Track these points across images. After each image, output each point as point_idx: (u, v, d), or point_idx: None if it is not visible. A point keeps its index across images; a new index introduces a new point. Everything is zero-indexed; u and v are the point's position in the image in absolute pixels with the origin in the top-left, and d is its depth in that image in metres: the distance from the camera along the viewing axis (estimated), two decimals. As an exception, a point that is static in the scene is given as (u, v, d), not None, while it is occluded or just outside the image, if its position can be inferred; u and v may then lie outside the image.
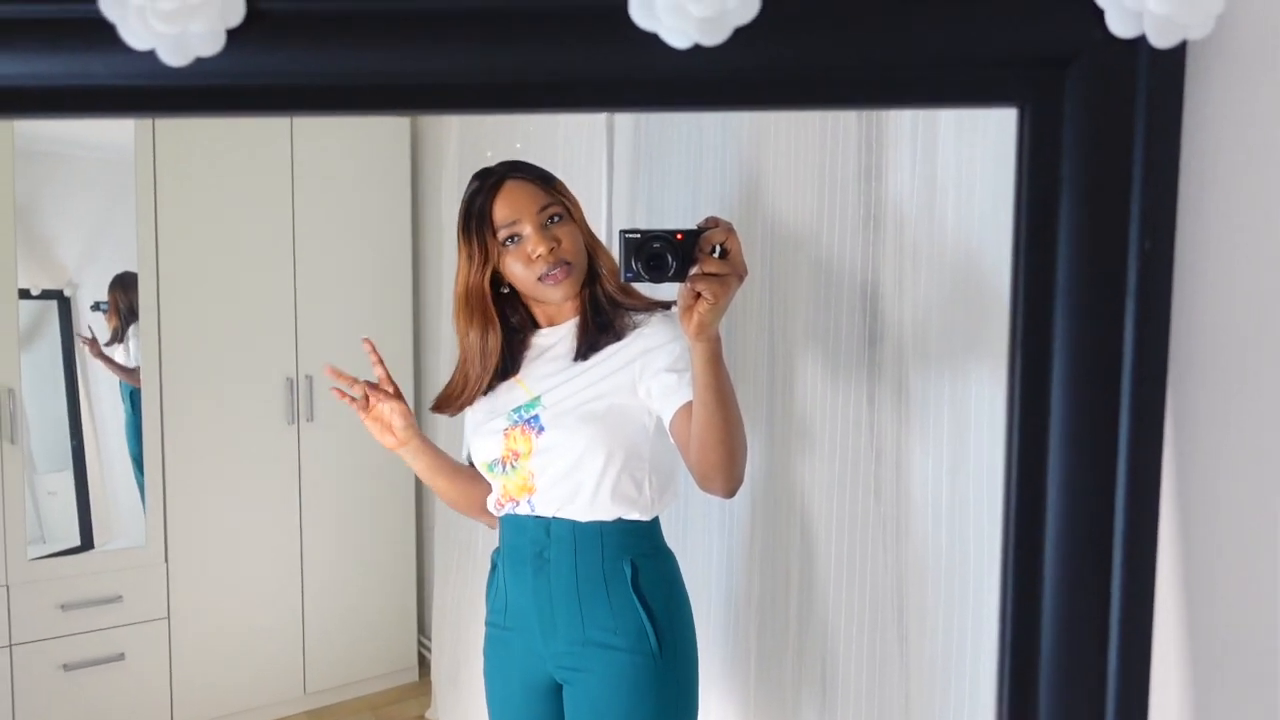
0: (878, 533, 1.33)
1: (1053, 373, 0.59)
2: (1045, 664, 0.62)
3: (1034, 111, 0.57)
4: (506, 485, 1.25)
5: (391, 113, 0.51)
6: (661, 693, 1.20)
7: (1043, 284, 0.58)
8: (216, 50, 0.52)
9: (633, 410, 1.19)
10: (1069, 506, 0.58)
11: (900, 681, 1.29)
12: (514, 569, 1.26)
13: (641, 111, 1.60)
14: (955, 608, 1.23)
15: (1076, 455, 0.57)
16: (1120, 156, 0.56)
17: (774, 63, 0.55)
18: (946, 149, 1.19)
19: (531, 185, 1.21)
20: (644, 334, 1.21)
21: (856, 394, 1.36)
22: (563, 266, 1.19)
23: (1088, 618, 0.60)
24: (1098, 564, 0.58)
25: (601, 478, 1.18)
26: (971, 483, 1.19)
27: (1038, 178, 0.58)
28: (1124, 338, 0.56)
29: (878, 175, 1.32)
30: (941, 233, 1.22)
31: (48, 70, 0.53)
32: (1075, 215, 0.57)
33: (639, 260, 0.93)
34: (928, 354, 1.25)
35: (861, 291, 1.35)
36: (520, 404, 1.24)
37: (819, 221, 1.39)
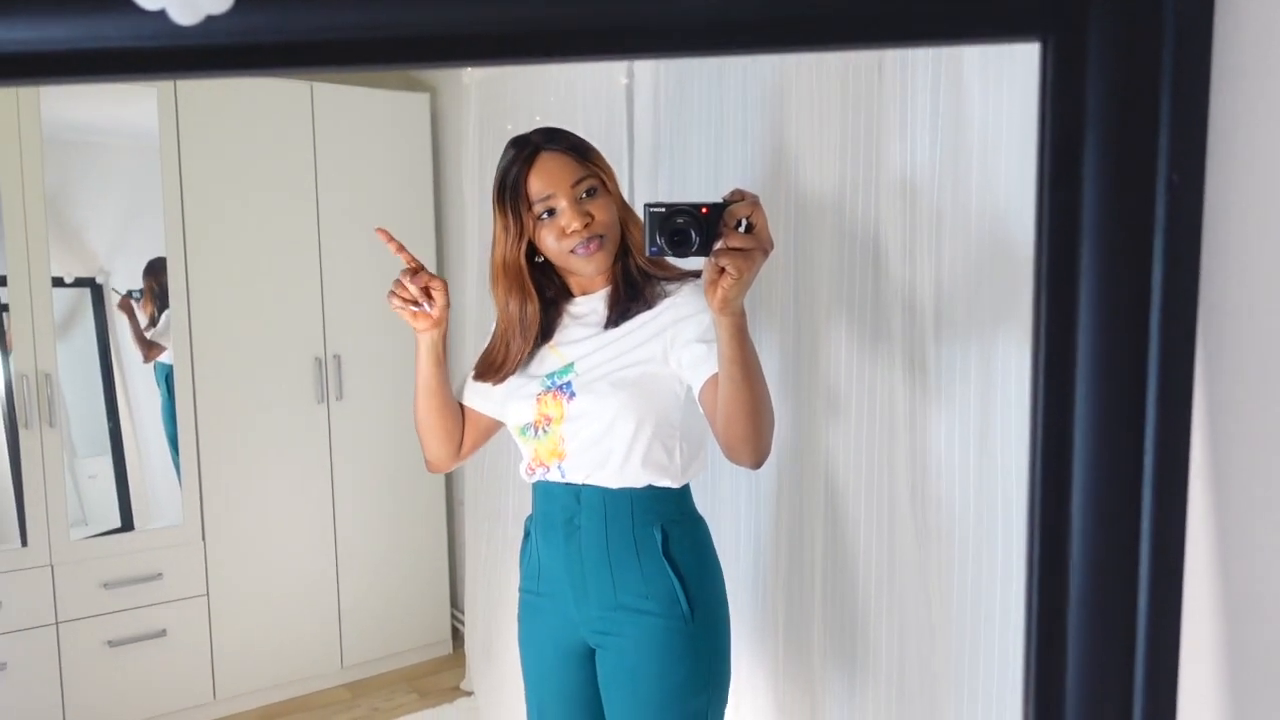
0: (904, 501, 1.32)
1: (1079, 313, 0.57)
2: (1072, 629, 0.61)
3: (1057, 44, 0.55)
4: (538, 450, 1.26)
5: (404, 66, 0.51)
6: (694, 656, 1.21)
7: (1068, 222, 0.56)
8: (227, 8, 0.52)
9: (664, 378, 1.20)
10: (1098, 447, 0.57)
11: (927, 650, 1.29)
12: (546, 535, 1.28)
13: (661, 57, 1.57)
14: (984, 576, 1.22)
15: (1104, 394, 0.56)
16: (1147, 89, 0.55)
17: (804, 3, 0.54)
18: (971, 112, 1.17)
19: (566, 157, 1.20)
20: (675, 303, 1.21)
21: (882, 363, 1.35)
22: (595, 240, 1.19)
23: (1117, 569, 0.59)
24: (1127, 505, 0.57)
25: (632, 444, 1.19)
26: (999, 450, 1.18)
27: (1061, 113, 0.56)
28: (1153, 275, 0.55)
29: (901, 141, 1.29)
30: (966, 198, 1.19)
31: (59, 34, 0.53)
32: (1100, 150, 0.55)
33: (663, 235, 0.92)
34: (955, 322, 1.23)
35: (887, 259, 1.33)
36: (554, 370, 1.25)
37: (842, 189, 1.37)
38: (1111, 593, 0.60)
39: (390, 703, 2.72)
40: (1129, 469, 0.57)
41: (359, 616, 2.85)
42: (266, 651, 2.71)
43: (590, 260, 1.20)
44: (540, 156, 1.19)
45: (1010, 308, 1.16)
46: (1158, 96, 0.55)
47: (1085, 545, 0.60)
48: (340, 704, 2.72)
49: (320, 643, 2.80)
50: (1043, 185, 0.58)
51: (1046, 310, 0.58)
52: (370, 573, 2.87)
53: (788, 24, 0.54)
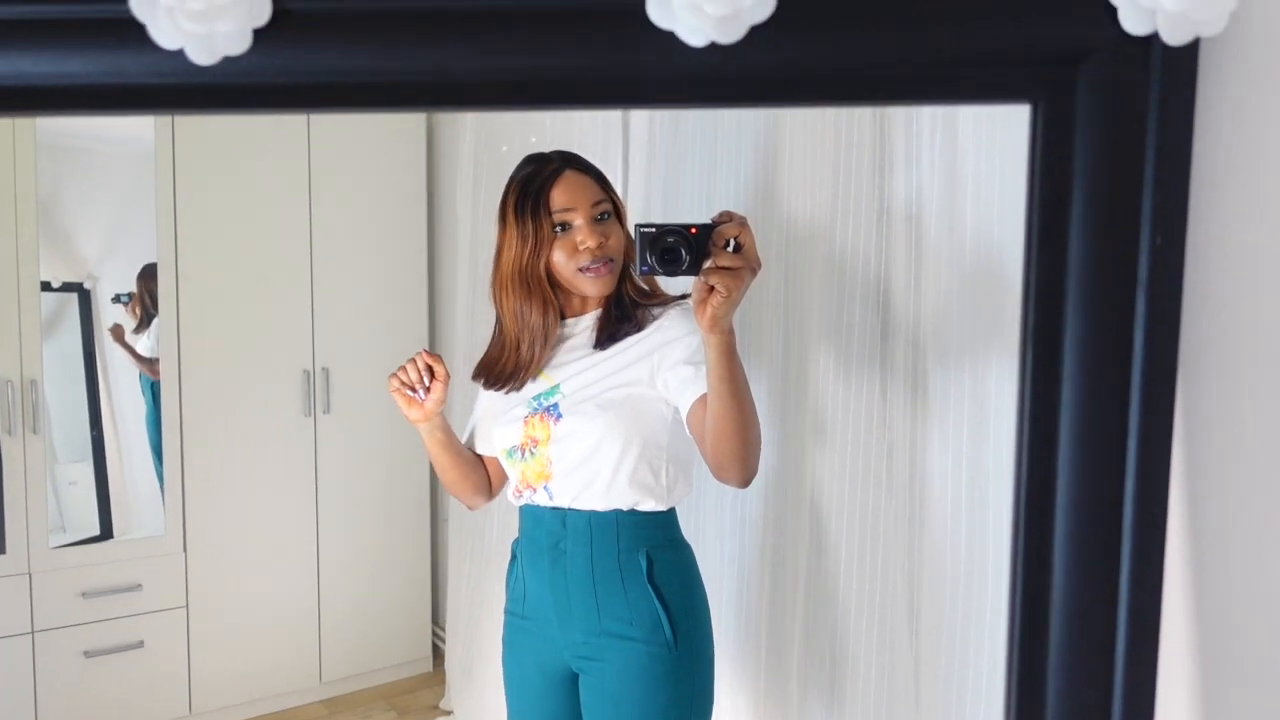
0: (890, 528, 1.33)
1: (1064, 367, 0.59)
2: (1053, 660, 0.63)
3: (1046, 108, 0.58)
4: (525, 472, 1.27)
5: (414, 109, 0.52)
6: (677, 683, 1.21)
7: (1054, 279, 0.59)
8: (243, 49, 0.53)
9: (650, 400, 1.21)
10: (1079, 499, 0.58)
11: (911, 678, 1.30)
12: (531, 559, 1.28)
13: (658, 108, 1.60)
14: (973, 604, 1.23)
15: (1087, 448, 0.58)
16: (1132, 153, 0.57)
17: (789, 60, 0.56)
18: (965, 143, 1.19)
19: (588, 178, 1.23)
20: (662, 326, 1.22)
21: (870, 389, 1.37)
22: (607, 263, 1.21)
23: (1096, 611, 0.61)
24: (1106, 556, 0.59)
25: (619, 464, 1.19)
26: (991, 480, 1.20)
27: (1050, 173, 0.59)
28: (1135, 333, 0.57)
29: (893, 169, 1.32)
30: (960, 227, 1.22)
31: (80, 69, 0.54)
32: (1087, 211, 0.57)
33: (653, 253, 0.94)
34: (945, 350, 1.25)
35: (876, 286, 1.35)
36: (540, 391, 1.26)
37: (834, 216, 1.39)
38: (1092, 620, 0.61)
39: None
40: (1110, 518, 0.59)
41: (339, 632, 2.83)
42: (244, 666, 2.68)
43: (597, 281, 1.21)
44: (565, 173, 1.22)
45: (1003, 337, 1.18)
46: (1142, 161, 0.57)
47: (1067, 581, 0.62)
48: (317, 720, 2.70)
49: (299, 658, 2.77)
50: (1031, 241, 0.60)
51: (1032, 363, 0.60)
52: (352, 588, 2.85)
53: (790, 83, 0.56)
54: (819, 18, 0.54)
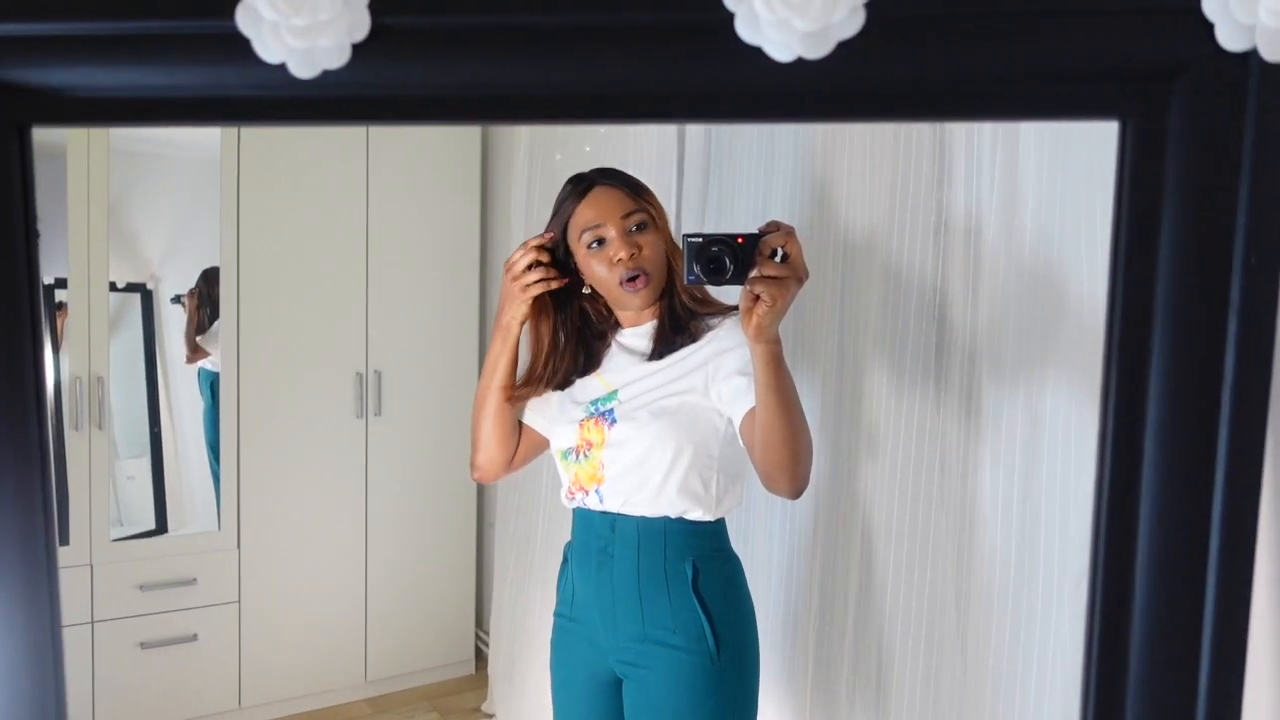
0: (941, 545, 1.32)
1: (1149, 390, 0.58)
2: (1133, 685, 0.61)
3: (1137, 125, 0.57)
4: (579, 474, 1.28)
5: (503, 122, 0.53)
6: (719, 694, 1.21)
7: (1142, 299, 0.58)
8: (343, 63, 0.55)
9: (704, 410, 1.22)
10: (1163, 527, 0.57)
11: (957, 697, 1.28)
12: (581, 563, 1.29)
13: (744, 123, 1.61)
14: (1021, 623, 1.21)
15: (1173, 474, 0.57)
16: (1226, 171, 0.56)
17: (876, 76, 0.56)
18: (1027, 157, 1.18)
19: (619, 191, 1.25)
20: (717, 336, 1.23)
21: (924, 404, 1.35)
22: (641, 277, 1.22)
23: (1179, 639, 0.60)
24: (1191, 584, 0.58)
25: (670, 471, 1.20)
26: (1043, 499, 1.18)
27: (1139, 192, 0.58)
28: (1225, 356, 0.56)
29: (952, 182, 1.31)
30: (1019, 242, 1.20)
31: (187, 81, 0.56)
32: (1178, 230, 0.56)
33: (699, 263, 0.96)
34: (1000, 366, 1.24)
35: (933, 300, 1.34)
36: (598, 396, 1.28)
37: (891, 228, 1.39)
38: (1174, 657, 0.60)
39: None
40: (1196, 546, 0.58)
41: (385, 632, 2.87)
42: (292, 662, 2.73)
43: (636, 295, 1.23)
44: (594, 190, 1.25)
45: (1059, 355, 1.16)
46: (1237, 179, 0.56)
47: (1148, 617, 0.60)
48: (361, 719, 2.74)
49: (345, 656, 2.82)
50: (1117, 259, 0.59)
51: (1116, 383, 0.59)
52: (398, 589, 2.89)
53: (877, 98, 0.56)
54: (908, 33, 0.54)
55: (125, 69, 0.56)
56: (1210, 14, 0.54)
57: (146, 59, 0.56)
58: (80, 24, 0.55)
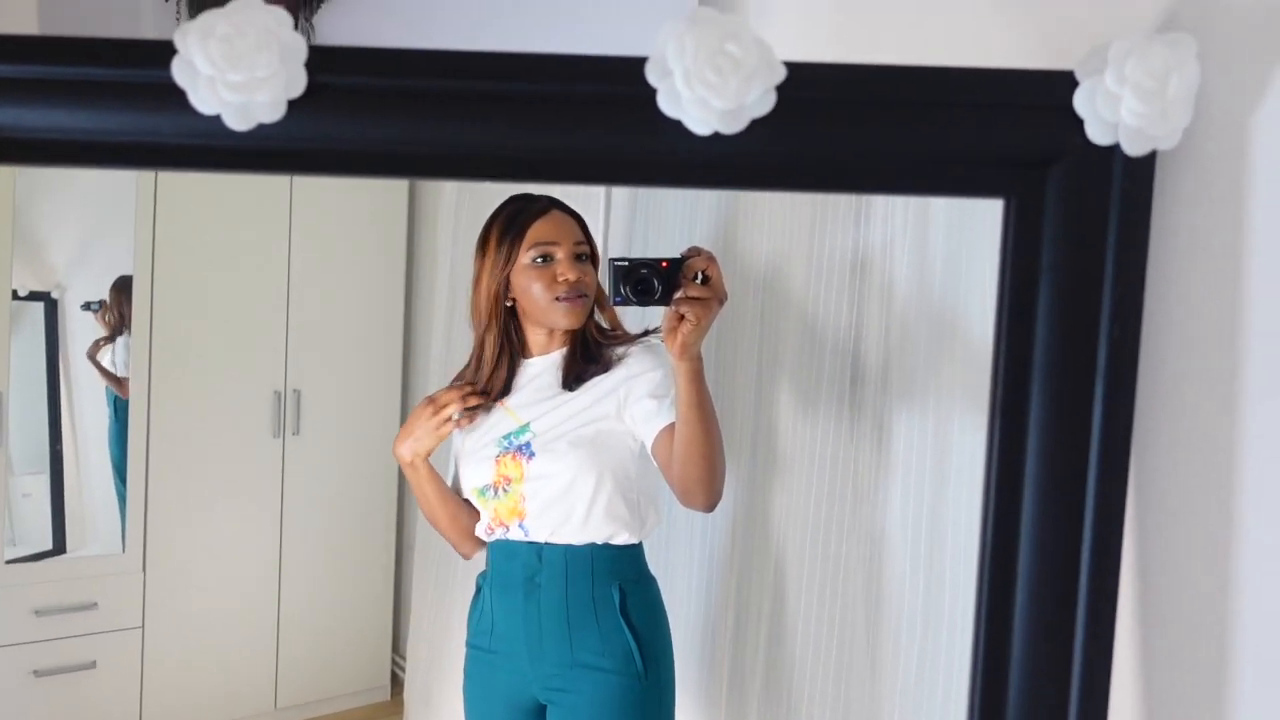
0: (851, 570, 1.37)
1: (1028, 440, 0.64)
2: (1012, 702, 0.67)
3: (1018, 204, 0.63)
4: (498, 510, 1.29)
5: (433, 178, 0.55)
6: (643, 712, 1.25)
7: (1022, 358, 0.64)
8: (278, 118, 0.57)
9: (618, 434, 1.25)
10: (1039, 561, 0.63)
11: (867, 718, 1.33)
12: (502, 593, 1.30)
13: (664, 187, 1.66)
14: (928, 649, 1.27)
15: (1048, 517, 0.63)
16: (1095, 250, 0.62)
17: (785, 151, 0.60)
18: (937, 202, 1.24)
19: (573, 221, 1.30)
20: (627, 363, 1.27)
21: (837, 431, 1.41)
22: (581, 296, 1.26)
23: (1053, 663, 0.66)
24: (1063, 611, 0.64)
25: (594, 499, 1.23)
26: (949, 530, 1.24)
27: (1020, 264, 0.64)
28: (1093, 412, 0.62)
29: (869, 221, 1.37)
30: (929, 282, 1.27)
31: (119, 126, 0.57)
32: (1053, 300, 0.63)
33: (627, 285, 1.00)
34: (910, 397, 1.30)
35: (848, 333, 1.39)
36: (509, 431, 1.29)
37: (809, 262, 1.44)
38: (1049, 671, 0.66)
39: (323, 747, 2.67)
40: (1067, 577, 0.64)
41: (297, 657, 2.80)
42: (199, 688, 2.64)
43: (570, 312, 1.25)
44: (553, 211, 1.29)
45: (963, 389, 1.22)
46: (1103, 258, 0.63)
47: (1026, 637, 0.66)
48: (271, 746, 2.66)
49: (255, 682, 2.74)
50: (1001, 321, 0.65)
51: (1000, 431, 0.65)
52: (313, 613, 2.82)
53: (785, 171, 0.60)
54: (815, 115, 0.59)
55: (57, 112, 0.56)
56: (1080, 111, 0.60)
57: (79, 103, 0.56)
58: (14, 67, 0.55)
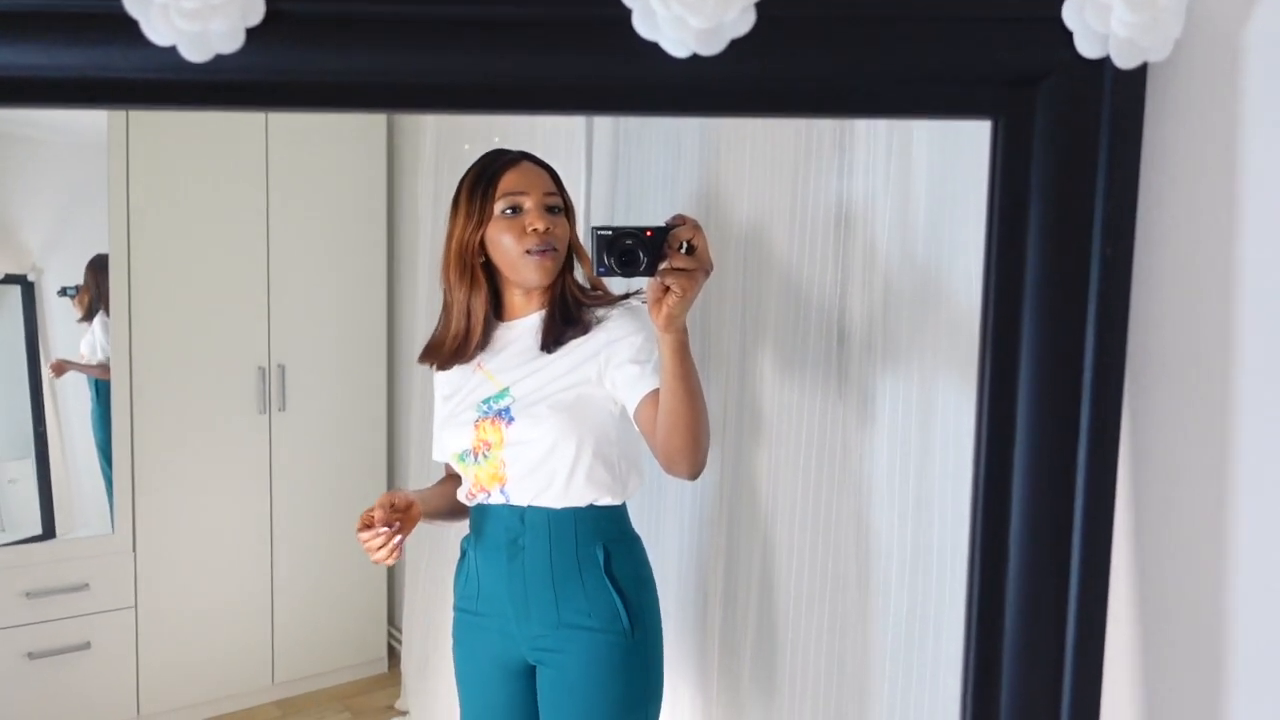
0: (841, 527, 1.37)
1: (1020, 365, 0.63)
2: (1008, 651, 0.66)
3: (1007, 124, 0.61)
4: (479, 475, 1.28)
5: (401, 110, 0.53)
6: (632, 670, 1.25)
7: (1012, 284, 0.62)
8: (236, 48, 0.54)
9: (599, 399, 1.24)
10: (1035, 481, 0.62)
11: (859, 673, 1.33)
12: (487, 556, 1.29)
13: (640, 115, 1.63)
14: (917, 600, 1.27)
15: (1042, 436, 0.62)
16: (1085, 167, 0.61)
17: (766, 73, 0.58)
18: (920, 152, 1.23)
19: (544, 172, 1.28)
20: (607, 327, 1.25)
21: (824, 390, 1.40)
22: (551, 250, 1.23)
23: (1047, 603, 0.65)
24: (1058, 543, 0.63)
25: (575, 464, 1.22)
26: (936, 479, 1.24)
27: (1009, 185, 0.62)
28: (1086, 335, 0.61)
29: (850, 174, 1.35)
30: (913, 235, 1.26)
31: (70, 61, 0.54)
32: (1043, 221, 0.61)
33: (611, 256, 0.97)
34: (896, 354, 1.29)
35: (832, 290, 1.38)
36: (489, 395, 1.28)
37: (792, 220, 1.43)
38: (1043, 611, 0.65)
39: (322, 721, 2.67)
40: (1063, 495, 0.63)
41: (292, 633, 2.80)
42: (195, 667, 2.64)
43: (539, 267, 1.24)
44: (522, 162, 1.27)
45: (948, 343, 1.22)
46: (1095, 175, 0.61)
47: (1020, 576, 0.65)
48: (270, 721, 2.67)
49: (251, 659, 2.73)
50: (991, 247, 0.64)
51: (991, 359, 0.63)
52: (306, 588, 2.82)
53: (766, 94, 0.58)
54: (797, 34, 0.57)
55: (6, 49, 0.53)
56: (1069, 23, 0.58)
57: (26, 37, 0.54)
58: (-49, 0, 0.52)
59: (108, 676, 2.49)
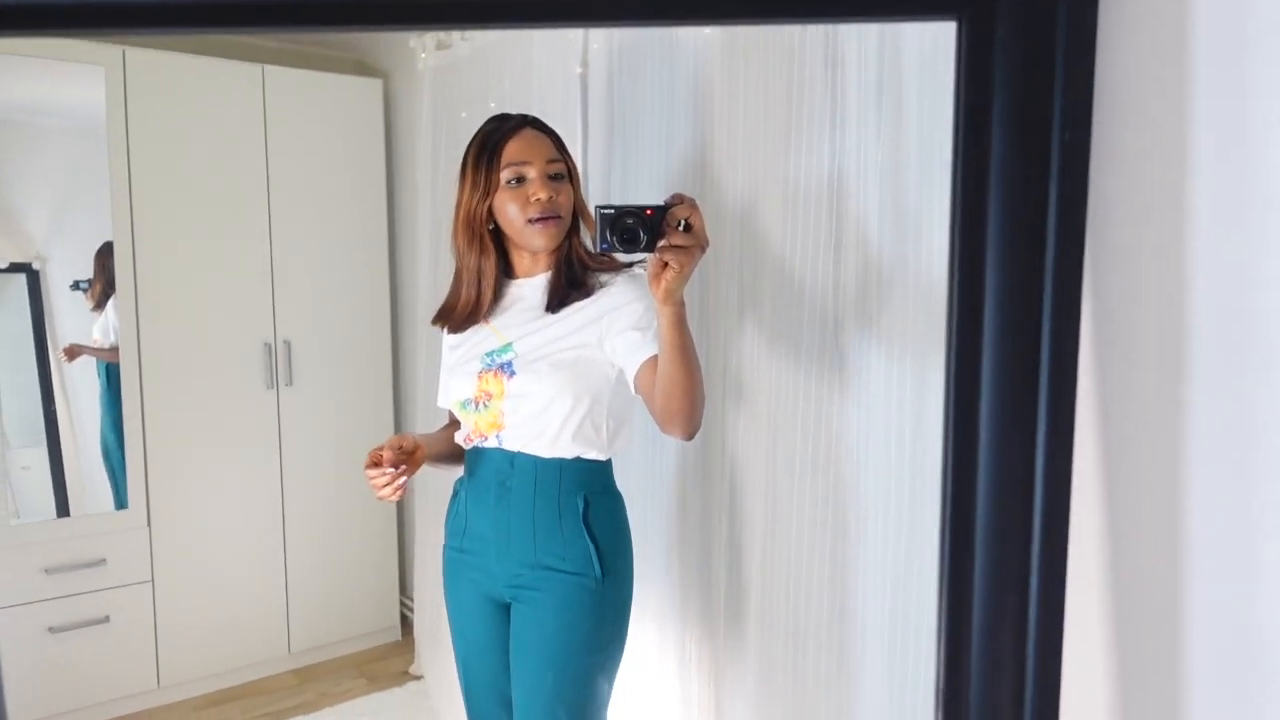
0: (820, 489, 1.38)
1: (987, 247, 0.67)
2: (978, 591, 0.70)
3: (970, 21, 0.65)
4: (479, 422, 1.34)
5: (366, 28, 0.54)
6: (599, 615, 1.30)
7: (979, 173, 0.66)
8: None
9: (597, 362, 1.29)
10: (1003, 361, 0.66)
11: (834, 623, 1.36)
12: (477, 496, 1.36)
13: (607, 25, 1.64)
14: (888, 557, 1.28)
15: (1008, 308, 0.66)
16: (1045, 59, 0.64)
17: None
18: (909, 112, 1.24)
19: (546, 138, 1.32)
20: (610, 292, 1.31)
21: (819, 359, 1.40)
22: (555, 217, 1.29)
23: (1013, 541, 0.69)
24: (1024, 421, 0.67)
25: (566, 420, 1.28)
26: (931, 444, 1.24)
27: (973, 84, 0.66)
28: (1048, 216, 0.64)
29: (842, 137, 1.36)
30: (904, 198, 1.26)
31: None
32: (1007, 110, 0.65)
33: (614, 234, 1.03)
34: (889, 320, 1.29)
35: (828, 239, 1.40)
36: (493, 349, 1.34)
37: (785, 184, 1.44)
38: (1008, 564, 0.69)
39: (339, 688, 2.73)
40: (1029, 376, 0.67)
41: (307, 603, 2.86)
42: (212, 638, 2.69)
43: (543, 233, 1.29)
44: (524, 130, 1.31)
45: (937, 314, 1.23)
46: (1053, 68, 0.64)
47: (989, 505, 0.69)
48: (287, 690, 2.72)
49: (267, 629, 2.79)
50: (958, 141, 0.67)
51: (960, 247, 0.67)
52: (319, 560, 2.87)
53: None
54: (767, -64, 0.60)
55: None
56: (1025, -82, 0.62)
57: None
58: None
59: (127, 649, 2.55)
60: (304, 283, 2.80)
